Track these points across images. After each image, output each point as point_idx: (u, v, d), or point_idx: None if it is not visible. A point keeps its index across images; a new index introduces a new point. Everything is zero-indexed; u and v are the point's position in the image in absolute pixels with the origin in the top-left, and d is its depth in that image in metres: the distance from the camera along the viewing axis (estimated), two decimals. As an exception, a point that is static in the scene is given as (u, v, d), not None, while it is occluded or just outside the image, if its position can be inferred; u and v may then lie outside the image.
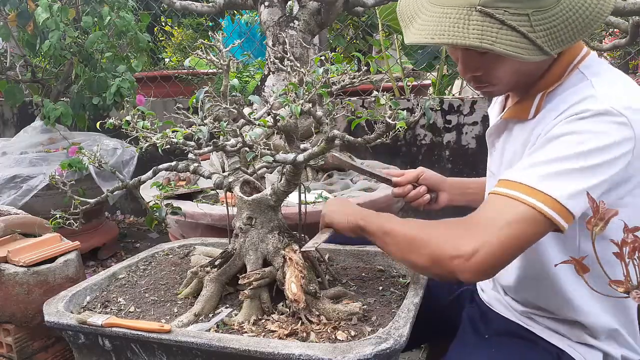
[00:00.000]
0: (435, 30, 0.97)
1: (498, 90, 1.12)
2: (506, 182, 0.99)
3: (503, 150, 1.17)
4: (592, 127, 0.94)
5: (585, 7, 0.95)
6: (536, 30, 0.92)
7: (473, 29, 0.93)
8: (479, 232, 0.95)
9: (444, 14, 0.97)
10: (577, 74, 1.04)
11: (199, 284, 1.25)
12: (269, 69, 2.39)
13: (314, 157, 1.10)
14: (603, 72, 1.04)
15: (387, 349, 0.93)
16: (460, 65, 1.07)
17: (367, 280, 1.33)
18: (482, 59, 1.02)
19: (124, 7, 2.62)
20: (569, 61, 1.05)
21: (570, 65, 1.05)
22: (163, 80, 3.92)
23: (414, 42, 1.00)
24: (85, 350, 1.14)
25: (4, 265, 1.43)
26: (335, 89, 1.09)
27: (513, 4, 0.92)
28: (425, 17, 1.00)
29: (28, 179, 2.61)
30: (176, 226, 2.10)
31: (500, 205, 0.97)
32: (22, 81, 2.88)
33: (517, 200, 0.95)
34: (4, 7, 2.66)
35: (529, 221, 0.93)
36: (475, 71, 1.06)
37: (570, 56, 1.05)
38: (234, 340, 0.99)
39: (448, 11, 0.97)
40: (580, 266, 0.67)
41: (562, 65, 1.05)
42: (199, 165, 1.27)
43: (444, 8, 0.97)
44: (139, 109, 1.16)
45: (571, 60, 1.05)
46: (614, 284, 0.62)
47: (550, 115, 1.02)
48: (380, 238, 1.13)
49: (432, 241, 1.01)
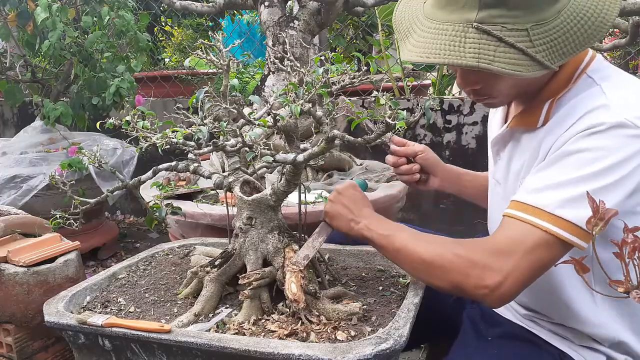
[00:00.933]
0: (430, 48, 0.94)
1: (499, 102, 1.10)
2: (521, 204, 0.97)
3: (510, 160, 1.14)
4: (607, 143, 0.91)
5: (588, 17, 0.92)
6: (536, 45, 0.89)
7: (470, 47, 0.90)
8: (502, 263, 0.94)
9: (440, 30, 0.94)
10: (585, 79, 1.01)
11: (199, 284, 1.25)
12: (269, 69, 2.39)
13: (314, 157, 1.10)
14: (612, 76, 1.00)
15: (387, 349, 0.93)
16: (459, 79, 1.05)
17: (367, 280, 1.33)
18: (481, 74, 0.99)
19: (123, 7, 2.62)
20: (575, 66, 1.02)
21: (577, 70, 1.02)
22: (163, 80, 3.92)
23: (409, 60, 0.98)
24: (85, 350, 1.14)
25: (4, 265, 1.43)
26: (335, 89, 1.09)
27: (511, 19, 0.89)
28: (421, 33, 0.97)
29: (28, 179, 2.61)
30: (176, 226, 2.10)
31: (518, 231, 0.95)
32: (22, 81, 2.88)
33: (534, 226, 0.93)
34: (4, 7, 2.66)
35: (549, 246, 0.92)
36: (474, 85, 1.03)
37: (577, 61, 1.01)
38: (234, 340, 0.99)
39: (444, 27, 0.94)
40: (580, 266, 0.67)
41: (568, 71, 1.02)
42: (199, 165, 1.27)
43: (439, 24, 0.95)
44: (138, 109, 1.16)
45: (578, 66, 1.02)
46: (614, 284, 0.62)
47: (561, 125, 0.99)
48: (390, 253, 1.11)
49: (454, 268, 0.99)
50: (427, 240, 1.06)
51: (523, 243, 0.94)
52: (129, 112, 1.15)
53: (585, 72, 1.01)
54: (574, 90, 1.01)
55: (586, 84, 1.00)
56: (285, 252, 1.19)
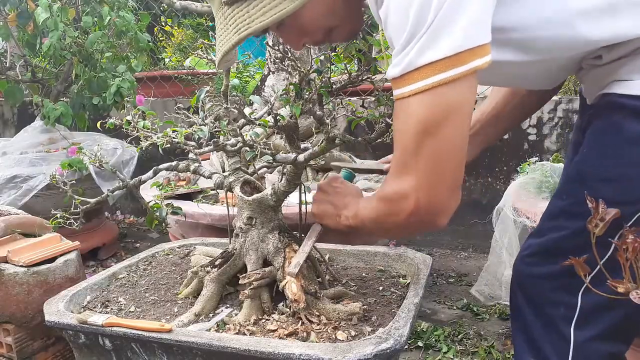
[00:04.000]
0: (219, 46, 0.94)
1: (338, 34, 1.01)
2: (396, 96, 0.82)
3: None
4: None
5: None
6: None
7: (231, 24, 0.91)
8: (402, 179, 0.86)
9: (218, 25, 0.94)
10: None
11: (199, 283, 1.25)
12: (269, 69, 2.39)
13: (315, 157, 1.10)
14: None
15: (387, 349, 0.93)
16: (290, 44, 1.02)
17: (367, 280, 1.33)
18: (286, 29, 0.96)
19: (124, 7, 2.62)
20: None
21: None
22: (163, 80, 3.92)
23: (219, 62, 0.96)
24: (85, 350, 1.14)
25: (4, 265, 1.43)
26: (335, 88, 1.09)
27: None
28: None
29: (28, 179, 2.61)
30: (176, 226, 2.10)
31: (398, 127, 0.84)
32: (22, 81, 2.87)
33: (404, 100, 0.79)
34: (4, 7, 2.66)
35: (430, 107, 0.77)
36: (299, 40, 0.99)
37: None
38: (234, 340, 0.99)
39: (217, 21, 0.94)
40: (580, 266, 0.67)
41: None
42: (199, 165, 1.27)
43: (217, 20, 0.95)
44: (139, 108, 1.16)
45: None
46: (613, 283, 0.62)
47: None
48: (365, 230, 1.04)
49: (382, 215, 0.92)
50: (369, 200, 0.99)
51: (405, 136, 0.81)
52: (129, 112, 1.15)
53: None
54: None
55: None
56: (285, 252, 1.19)
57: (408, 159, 0.83)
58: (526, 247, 1.04)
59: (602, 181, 0.90)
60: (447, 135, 0.79)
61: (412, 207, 0.85)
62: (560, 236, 0.98)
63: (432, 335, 1.94)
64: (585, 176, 0.94)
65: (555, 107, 2.69)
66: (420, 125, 0.79)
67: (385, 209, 0.91)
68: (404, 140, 0.83)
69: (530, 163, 1.94)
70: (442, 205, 0.85)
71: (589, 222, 0.66)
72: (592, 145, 0.94)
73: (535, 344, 1.01)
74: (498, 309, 2.13)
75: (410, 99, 0.79)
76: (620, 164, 0.89)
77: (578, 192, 0.94)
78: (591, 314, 0.95)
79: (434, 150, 0.80)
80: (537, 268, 1.01)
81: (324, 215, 1.15)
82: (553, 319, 0.99)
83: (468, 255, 2.84)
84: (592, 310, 0.95)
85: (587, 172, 0.94)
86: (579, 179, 0.95)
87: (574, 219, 0.92)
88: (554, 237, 0.99)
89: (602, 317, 0.95)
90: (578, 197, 0.92)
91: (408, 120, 0.81)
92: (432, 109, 0.78)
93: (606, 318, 0.95)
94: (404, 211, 0.86)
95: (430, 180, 0.83)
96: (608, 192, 0.84)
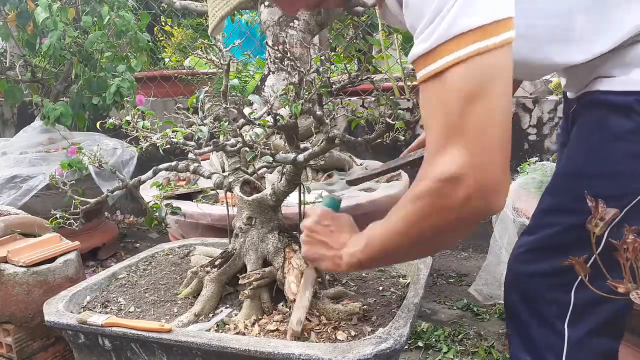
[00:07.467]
0: (211, 10, 0.95)
1: None
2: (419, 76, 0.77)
3: None
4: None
5: None
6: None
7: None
8: (450, 159, 0.76)
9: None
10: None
11: (199, 284, 1.25)
12: (269, 68, 2.39)
13: (314, 157, 1.10)
14: None
15: (387, 349, 0.93)
16: (284, 10, 1.02)
17: (367, 280, 1.33)
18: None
19: (123, 7, 2.62)
20: None
21: None
22: (163, 80, 3.92)
23: (212, 34, 0.97)
24: (85, 350, 1.14)
25: (4, 265, 1.43)
26: (335, 88, 1.09)
27: None
28: None
29: (28, 179, 2.61)
30: (176, 226, 2.10)
31: (433, 104, 0.76)
32: (22, 81, 2.87)
33: (440, 75, 0.73)
34: (4, 7, 2.66)
35: (476, 78, 0.72)
36: (293, 4, 0.98)
37: None
38: (234, 340, 0.99)
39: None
40: (581, 266, 0.67)
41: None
42: (199, 165, 1.27)
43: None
44: (139, 108, 1.16)
45: None
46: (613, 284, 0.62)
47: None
48: (383, 259, 0.96)
49: (424, 214, 0.80)
50: (390, 217, 0.88)
51: (446, 110, 0.73)
52: (129, 112, 1.15)
53: None
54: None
55: None
56: (285, 252, 1.19)
57: (452, 133, 0.73)
58: (519, 245, 1.05)
59: (590, 177, 0.91)
60: (495, 98, 0.73)
61: (469, 187, 0.73)
62: (551, 233, 0.98)
63: (432, 336, 1.94)
64: (574, 173, 0.95)
65: (555, 107, 2.69)
66: (463, 94, 0.72)
67: (428, 203, 0.78)
68: (446, 115, 0.74)
69: (530, 163, 1.94)
70: (499, 181, 0.74)
71: (588, 222, 0.66)
72: (580, 143, 0.95)
73: (531, 342, 1.01)
74: (498, 309, 2.13)
75: (446, 73, 0.73)
76: (608, 161, 0.89)
77: (568, 189, 0.95)
78: (584, 310, 0.95)
79: (484, 115, 0.72)
80: (531, 266, 1.02)
81: (319, 258, 1.02)
82: (547, 317, 0.99)
83: (468, 256, 2.84)
84: (585, 307, 0.95)
85: (576, 169, 0.94)
86: (568, 176, 0.96)
87: (565, 215, 0.93)
88: (545, 234, 0.99)
89: (595, 313, 0.95)
90: (568, 194, 0.93)
91: (448, 95, 0.73)
92: (474, 77, 0.72)
93: (598, 314, 0.95)
94: (457, 196, 0.74)
95: (485, 150, 0.73)
96: (597, 188, 0.84)
